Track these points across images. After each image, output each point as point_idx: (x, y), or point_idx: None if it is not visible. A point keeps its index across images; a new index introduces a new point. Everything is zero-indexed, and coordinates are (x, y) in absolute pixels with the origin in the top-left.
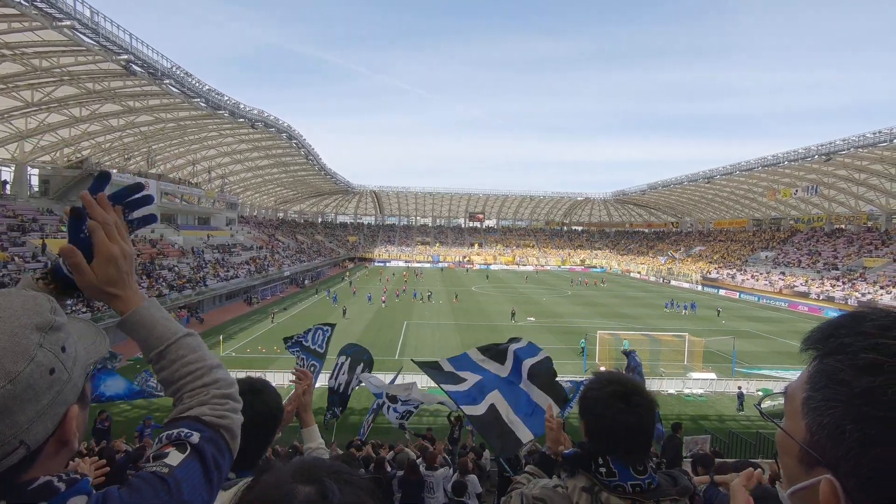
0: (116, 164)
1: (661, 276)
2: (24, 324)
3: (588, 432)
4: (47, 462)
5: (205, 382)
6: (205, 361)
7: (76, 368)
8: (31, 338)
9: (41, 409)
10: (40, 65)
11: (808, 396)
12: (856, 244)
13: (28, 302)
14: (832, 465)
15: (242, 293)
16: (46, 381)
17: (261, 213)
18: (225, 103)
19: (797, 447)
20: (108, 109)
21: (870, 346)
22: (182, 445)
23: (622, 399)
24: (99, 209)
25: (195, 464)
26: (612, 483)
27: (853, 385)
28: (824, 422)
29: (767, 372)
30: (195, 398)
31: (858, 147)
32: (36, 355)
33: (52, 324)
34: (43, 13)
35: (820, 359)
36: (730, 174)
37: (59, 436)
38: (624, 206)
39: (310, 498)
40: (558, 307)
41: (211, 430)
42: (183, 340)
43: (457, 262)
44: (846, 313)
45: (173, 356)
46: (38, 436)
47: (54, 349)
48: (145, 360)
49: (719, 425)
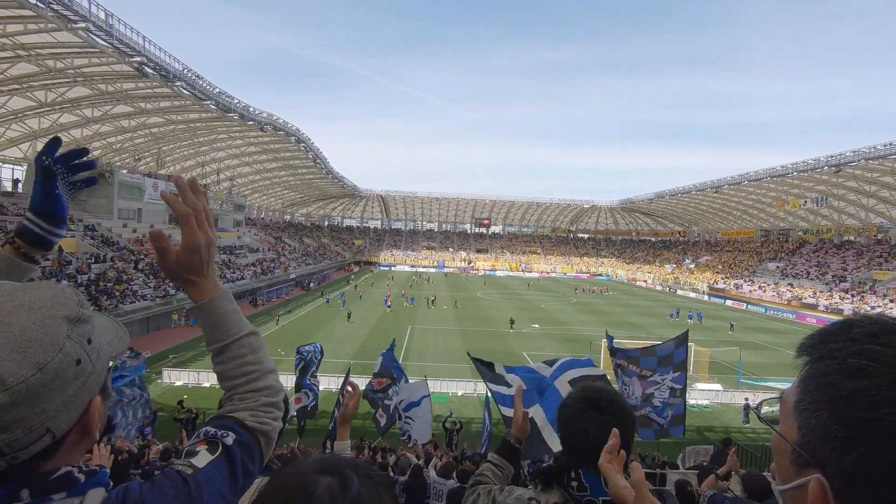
0: (127, 164)
1: (668, 286)
2: (53, 315)
3: (563, 443)
4: (70, 451)
5: (258, 387)
6: (261, 365)
7: (100, 360)
8: (61, 329)
9: (67, 398)
10: (54, 66)
11: (799, 399)
12: (865, 256)
13: (57, 294)
14: (821, 465)
15: (248, 295)
16: (73, 372)
17: (268, 215)
18: (235, 106)
19: (790, 448)
20: (119, 111)
21: (856, 352)
22: (215, 444)
23: (592, 406)
24: (191, 195)
25: (223, 466)
26: (584, 498)
27: (840, 388)
28: (813, 423)
29: (774, 384)
30: (244, 402)
31: (869, 159)
32: (64, 346)
33: (80, 316)
34: (58, 15)
35: (811, 364)
36: (738, 184)
37: (82, 426)
38: (631, 214)
39: (331, 488)
40: (563, 314)
41: (248, 435)
42: (246, 339)
43: (462, 267)
44: (837, 321)
45: (234, 353)
46: (64, 424)
47: (81, 341)
48: (207, 349)
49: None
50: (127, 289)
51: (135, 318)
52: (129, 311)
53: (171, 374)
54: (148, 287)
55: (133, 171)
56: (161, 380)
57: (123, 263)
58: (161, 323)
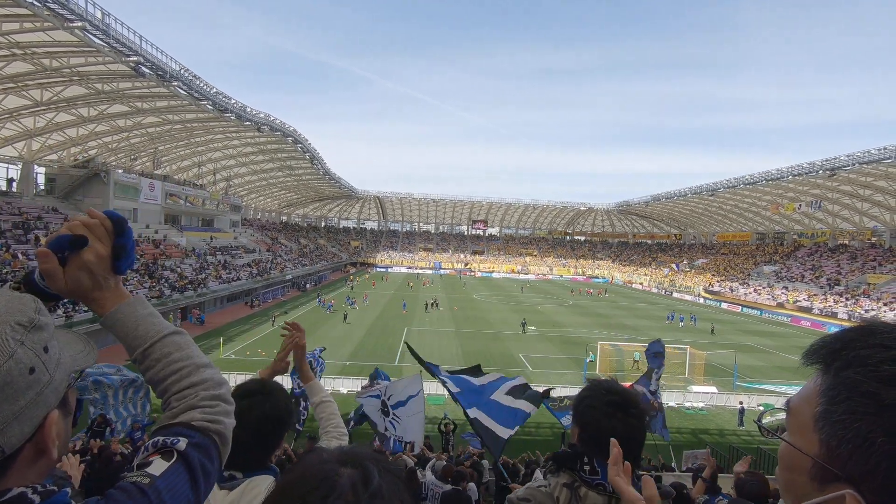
0: (123, 164)
1: (664, 288)
2: (5, 320)
3: (582, 438)
4: (24, 470)
5: (192, 382)
6: (191, 360)
7: (59, 371)
8: (13, 334)
9: (18, 409)
10: (50, 65)
11: (826, 410)
12: (859, 260)
13: (12, 300)
14: (854, 479)
15: (244, 295)
16: (25, 381)
17: (264, 216)
18: (232, 106)
19: (809, 462)
20: (116, 110)
21: (891, 359)
22: (168, 452)
23: (619, 409)
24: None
25: (181, 471)
26: (595, 481)
27: (881, 396)
28: (848, 435)
29: (769, 387)
30: (183, 401)
31: (863, 163)
32: (16, 352)
33: (36, 322)
34: (55, 14)
35: (835, 372)
36: (734, 187)
37: (37, 443)
38: (627, 217)
39: (353, 480)
40: (559, 317)
41: (200, 435)
42: (169, 338)
43: (458, 269)
44: (852, 327)
45: (158, 355)
46: (14, 439)
47: (36, 348)
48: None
49: (720, 439)
50: None
51: None
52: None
53: None
54: (142, 287)
55: (129, 170)
56: None
57: None
58: None
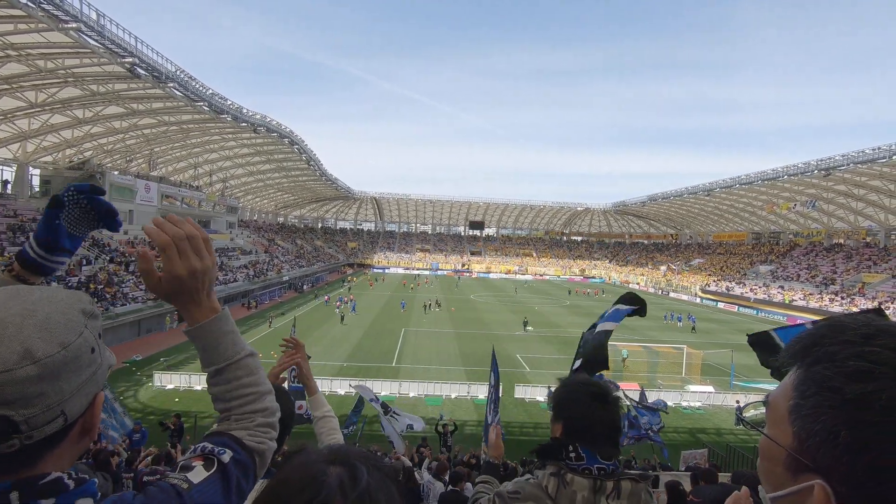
0: (118, 165)
1: (660, 288)
2: (72, 307)
3: (566, 431)
4: (70, 448)
5: (255, 409)
6: (259, 387)
7: (105, 359)
8: (80, 318)
9: (81, 382)
10: (45, 66)
11: (797, 404)
12: (854, 259)
13: (72, 293)
14: (823, 470)
15: (241, 297)
16: (88, 358)
17: (261, 217)
18: (228, 108)
19: (783, 453)
20: (111, 111)
21: (856, 354)
22: (211, 461)
23: (600, 399)
24: (170, 225)
25: (217, 483)
26: (581, 466)
27: (844, 391)
28: (816, 428)
29: (766, 386)
30: (241, 422)
31: (858, 163)
32: (83, 332)
33: (94, 312)
34: (49, 15)
35: (806, 367)
36: (730, 187)
37: (87, 418)
38: (624, 217)
39: (341, 478)
40: (557, 317)
41: (245, 454)
42: (243, 361)
43: (455, 269)
44: (824, 323)
45: (230, 375)
46: (75, 409)
47: (94, 333)
48: (203, 370)
49: (717, 439)
50: (118, 291)
51: (126, 320)
52: (120, 314)
53: (163, 377)
54: (139, 289)
55: (124, 172)
56: (152, 383)
57: (115, 266)
58: (153, 325)
